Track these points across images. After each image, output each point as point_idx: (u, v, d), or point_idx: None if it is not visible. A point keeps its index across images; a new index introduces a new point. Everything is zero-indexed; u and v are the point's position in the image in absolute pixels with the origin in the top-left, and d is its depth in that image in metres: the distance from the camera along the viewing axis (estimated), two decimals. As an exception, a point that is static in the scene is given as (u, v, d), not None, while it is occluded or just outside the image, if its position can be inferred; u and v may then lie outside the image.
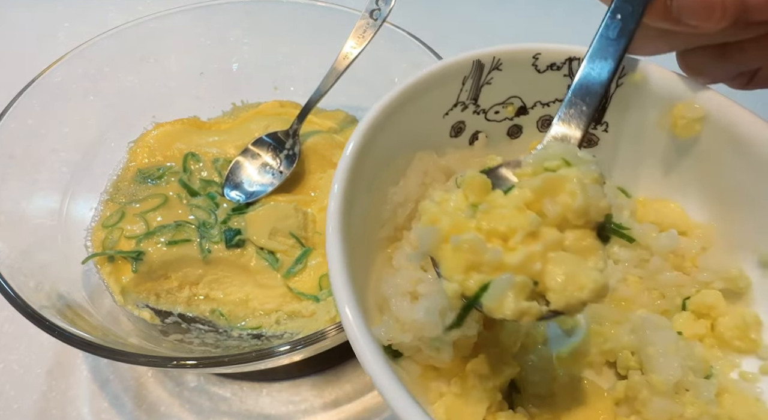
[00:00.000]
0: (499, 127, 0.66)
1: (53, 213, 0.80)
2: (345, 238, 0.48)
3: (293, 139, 0.89)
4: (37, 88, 0.82)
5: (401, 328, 0.49)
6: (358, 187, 0.53)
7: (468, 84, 0.62)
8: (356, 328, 0.43)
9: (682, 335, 0.59)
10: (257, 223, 0.81)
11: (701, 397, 0.54)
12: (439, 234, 0.44)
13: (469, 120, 0.65)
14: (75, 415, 0.72)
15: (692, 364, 0.56)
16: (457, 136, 0.65)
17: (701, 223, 0.65)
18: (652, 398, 0.54)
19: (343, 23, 0.87)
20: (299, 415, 0.72)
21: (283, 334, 0.75)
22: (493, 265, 0.43)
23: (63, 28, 1.28)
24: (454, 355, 0.51)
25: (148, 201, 0.83)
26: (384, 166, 0.58)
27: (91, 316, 0.69)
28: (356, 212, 0.52)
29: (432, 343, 0.50)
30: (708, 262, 0.62)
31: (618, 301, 0.64)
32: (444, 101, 0.62)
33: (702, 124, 0.59)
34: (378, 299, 0.54)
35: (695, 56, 0.55)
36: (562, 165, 0.47)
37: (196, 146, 0.90)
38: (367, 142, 0.54)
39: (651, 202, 0.68)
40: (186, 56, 0.99)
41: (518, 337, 0.58)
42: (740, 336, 0.59)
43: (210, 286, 0.79)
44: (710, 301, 0.61)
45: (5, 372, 0.76)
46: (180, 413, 0.72)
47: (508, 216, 0.44)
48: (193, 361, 0.58)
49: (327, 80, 0.86)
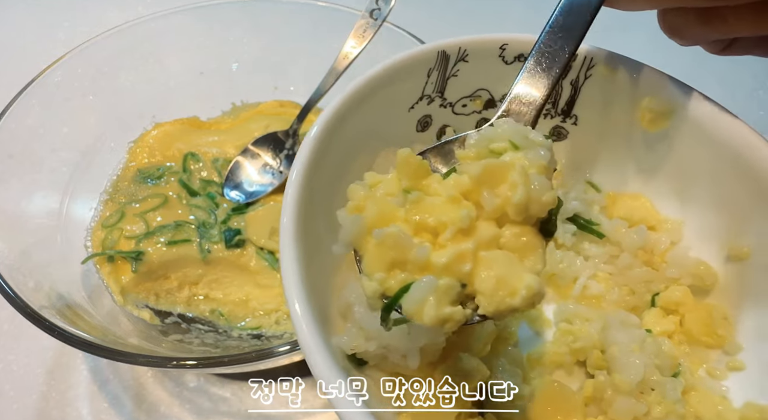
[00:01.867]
0: (467, 120, 0.64)
1: (53, 213, 0.80)
2: (300, 239, 0.44)
3: (293, 139, 0.89)
4: (37, 88, 0.82)
5: (365, 336, 0.46)
6: (319, 184, 0.49)
7: (433, 76, 0.59)
8: (312, 342, 0.39)
9: (651, 332, 0.59)
10: (257, 223, 0.81)
11: (668, 397, 0.53)
12: (364, 224, 0.40)
13: (435, 113, 0.62)
14: (75, 416, 0.72)
15: (659, 361, 0.55)
16: (424, 131, 0.63)
17: (670, 217, 0.65)
18: (616, 398, 0.54)
19: (343, 23, 0.87)
20: (299, 415, 0.72)
21: (283, 334, 0.75)
22: (418, 264, 0.39)
23: (63, 28, 1.27)
24: (422, 362, 0.48)
25: (147, 201, 0.83)
26: (347, 163, 0.54)
27: (91, 316, 0.69)
28: (317, 212, 0.48)
29: (398, 351, 0.47)
30: (676, 258, 0.62)
31: (588, 299, 0.64)
32: (409, 94, 0.59)
33: (670, 118, 0.59)
34: (341, 306, 0.50)
35: (676, 17, 0.53)
36: (509, 148, 0.43)
37: (195, 146, 0.90)
38: (328, 133, 0.50)
39: (621, 197, 0.67)
40: (186, 56, 0.99)
41: (488, 340, 0.56)
42: (707, 332, 0.59)
43: (210, 286, 0.79)
44: (678, 297, 0.61)
45: (5, 372, 0.76)
46: (180, 413, 0.72)
47: (440, 208, 0.40)
48: (193, 362, 0.58)
49: (327, 80, 0.86)
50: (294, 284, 0.41)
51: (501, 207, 0.40)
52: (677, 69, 0.60)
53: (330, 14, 0.94)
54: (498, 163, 0.41)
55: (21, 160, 0.79)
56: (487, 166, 0.41)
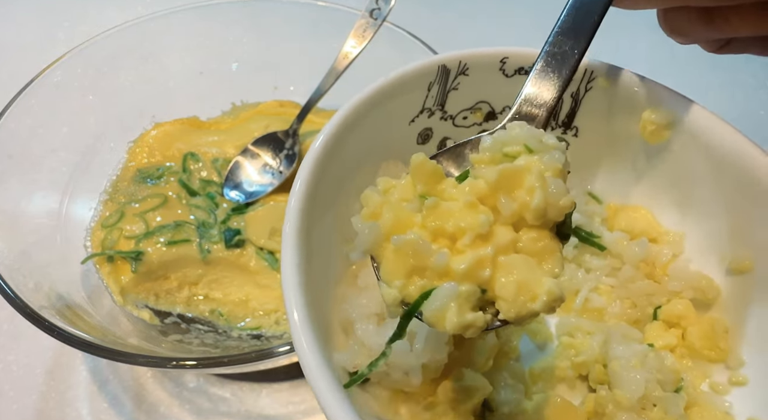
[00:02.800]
0: (467, 132, 0.64)
1: (52, 213, 0.80)
2: (302, 248, 0.44)
3: (293, 139, 0.89)
4: (37, 87, 0.82)
5: (367, 353, 0.45)
6: (322, 193, 0.49)
7: (434, 90, 0.60)
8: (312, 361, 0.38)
9: (653, 347, 0.59)
10: (257, 223, 0.80)
11: (670, 412, 0.53)
12: (380, 231, 0.40)
13: (436, 126, 0.62)
14: (74, 416, 0.72)
15: (661, 376, 0.55)
16: (425, 143, 0.63)
17: (671, 229, 0.65)
18: (617, 413, 0.53)
19: (343, 23, 0.87)
20: (299, 415, 0.72)
21: (282, 334, 0.75)
22: (437, 271, 0.38)
23: (63, 28, 1.27)
24: (424, 378, 0.48)
25: (147, 201, 0.83)
26: (349, 173, 0.54)
27: (91, 316, 0.69)
28: (319, 221, 0.48)
29: (400, 368, 0.46)
30: (677, 271, 0.62)
31: (590, 312, 0.64)
32: (409, 108, 0.60)
33: (671, 130, 0.59)
34: (342, 321, 0.50)
35: (678, 16, 0.53)
36: (523, 151, 0.43)
37: (195, 146, 0.90)
38: (332, 144, 0.50)
39: (622, 208, 0.68)
40: (186, 56, 0.99)
41: (490, 355, 0.56)
42: (710, 345, 0.58)
43: (209, 286, 0.79)
44: (680, 311, 0.60)
45: (4, 372, 0.76)
46: (179, 414, 0.72)
47: (458, 214, 0.40)
48: (193, 362, 0.58)
49: (327, 80, 0.86)
50: (294, 293, 0.41)
51: (518, 212, 0.40)
52: (677, 68, 0.60)
53: (330, 14, 0.94)
54: (515, 167, 0.41)
55: (21, 160, 0.79)
56: (504, 171, 0.40)
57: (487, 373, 0.55)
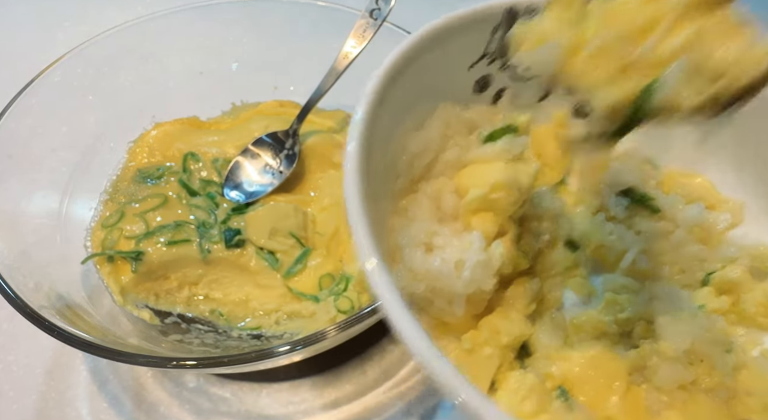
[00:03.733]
0: (526, 86, 0.59)
1: (52, 213, 0.80)
2: (364, 185, 0.43)
3: (293, 139, 0.89)
4: (37, 87, 0.82)
5: (414, 277, 0.46)
6: (378, 131, 0.47)
7: (498, 34, 0.55)
8: (381, 282, 0.37)
9: (704, 308, 0.57)
10: (257, 223, 0.80)
11: (717, 368, 0.51)
12: (561, 48, 0.37)
13: (496, 75, 0.59)
14: (74, 416, 0.72)
15: (711, 336, 0.53)
16: (482, 92, 0.59)
17: (731, 198, 0.62)
18: (661, 365, 0.51)
19: (343, 23, 0.86)
20: (299, 415, 0.72)
21: (282, 334, 0.75)
22: (648, 62, 0.35)
23: (63, 28, 1.27)
24: (466, 312, 0.48)
25: (147, 201, 0.83)
26: (404, 113, 0.52)
27: (91, 316, 0.69)
28: (373, 159, 0.47)
29: (444, 296, 0.46)
30: (734, 238, 0.59)
31: (636, 273, 0.62)
32: (470, 52, 0.56)
33: None
34: (389, 249, 0.49)
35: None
36: None
37: (195, 146, 0.90)
38: (388, 83, 0.49)
39: (679, 175, 0.65)
40: (185, 56, 0.99)
41: (533, 299, 0.55)
42: (765, 312, 0.56)
43: (210, 286, 0.79)
44: (735, 277, 0.58)
45: (4, 372, 0.76)
46: (179, 414, 0.72)
47: (636, 8, 0.36)
48: (193, 362, 0.58)
49: (327, 80, 0.86)
50: (363, 235, 0.40)
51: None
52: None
53: (330, 14, 0.94)
54: None
55: (20, 160, 0.79)
56: None
57: (528, 317, 0.54)
